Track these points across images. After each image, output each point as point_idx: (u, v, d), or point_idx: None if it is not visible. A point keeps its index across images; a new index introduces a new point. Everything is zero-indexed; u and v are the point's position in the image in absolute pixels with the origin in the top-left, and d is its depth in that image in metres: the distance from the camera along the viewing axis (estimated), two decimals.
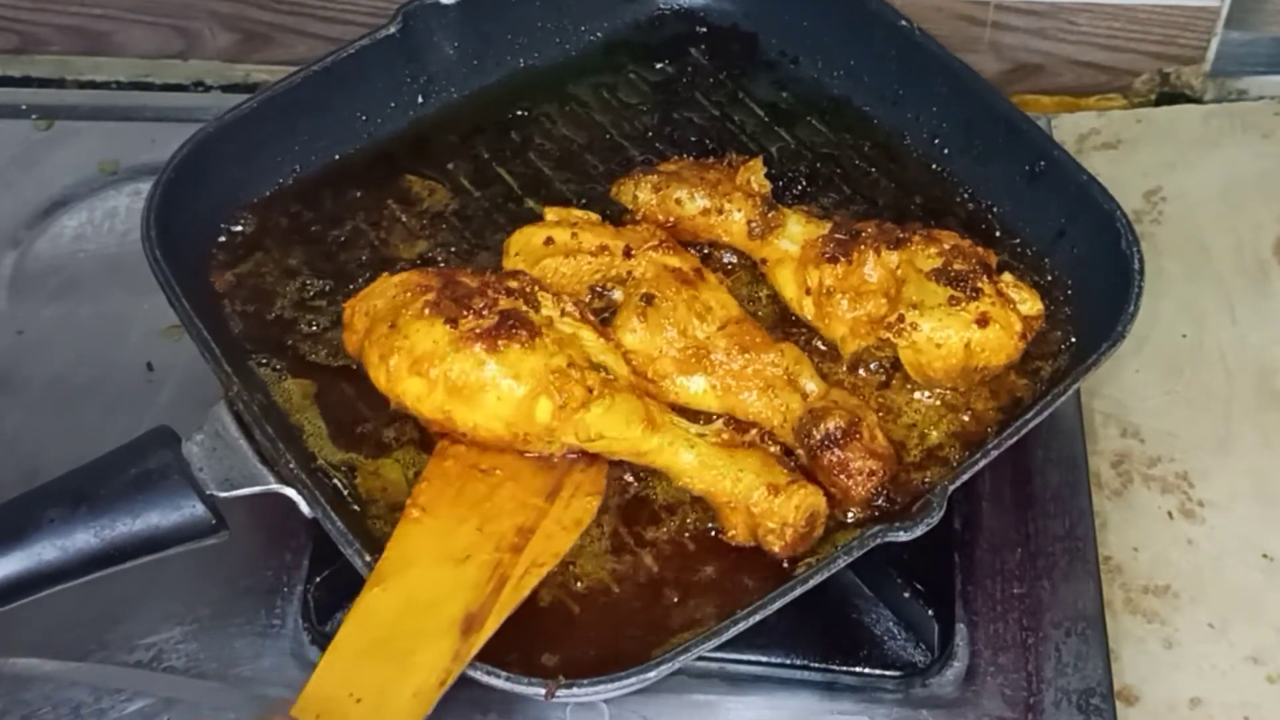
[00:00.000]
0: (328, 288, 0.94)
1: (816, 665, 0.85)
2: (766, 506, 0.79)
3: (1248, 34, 1.17)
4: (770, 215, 0.92)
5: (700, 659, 0.84)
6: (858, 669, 0.85)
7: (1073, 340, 0.89)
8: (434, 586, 0.75)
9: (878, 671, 0.85)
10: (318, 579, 0.87)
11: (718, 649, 0.75)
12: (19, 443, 0.98)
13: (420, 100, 1.04)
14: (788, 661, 0.85)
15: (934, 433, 0.86)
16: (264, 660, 0.87)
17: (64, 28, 1.25)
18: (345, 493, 0.84)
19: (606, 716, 0.84)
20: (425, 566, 0.76)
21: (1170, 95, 1.19)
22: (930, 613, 0.85)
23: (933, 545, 0.79)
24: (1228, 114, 1.17)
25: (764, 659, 0.85)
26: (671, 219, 0.93)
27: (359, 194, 1.00)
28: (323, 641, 0.87)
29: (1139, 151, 1.14)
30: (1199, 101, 1.19)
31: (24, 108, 1.21)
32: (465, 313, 0.81)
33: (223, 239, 0.97)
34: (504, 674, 0.73)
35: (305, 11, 1.22)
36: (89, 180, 1.15)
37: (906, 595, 0.85)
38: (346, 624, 0.74)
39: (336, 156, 1.01)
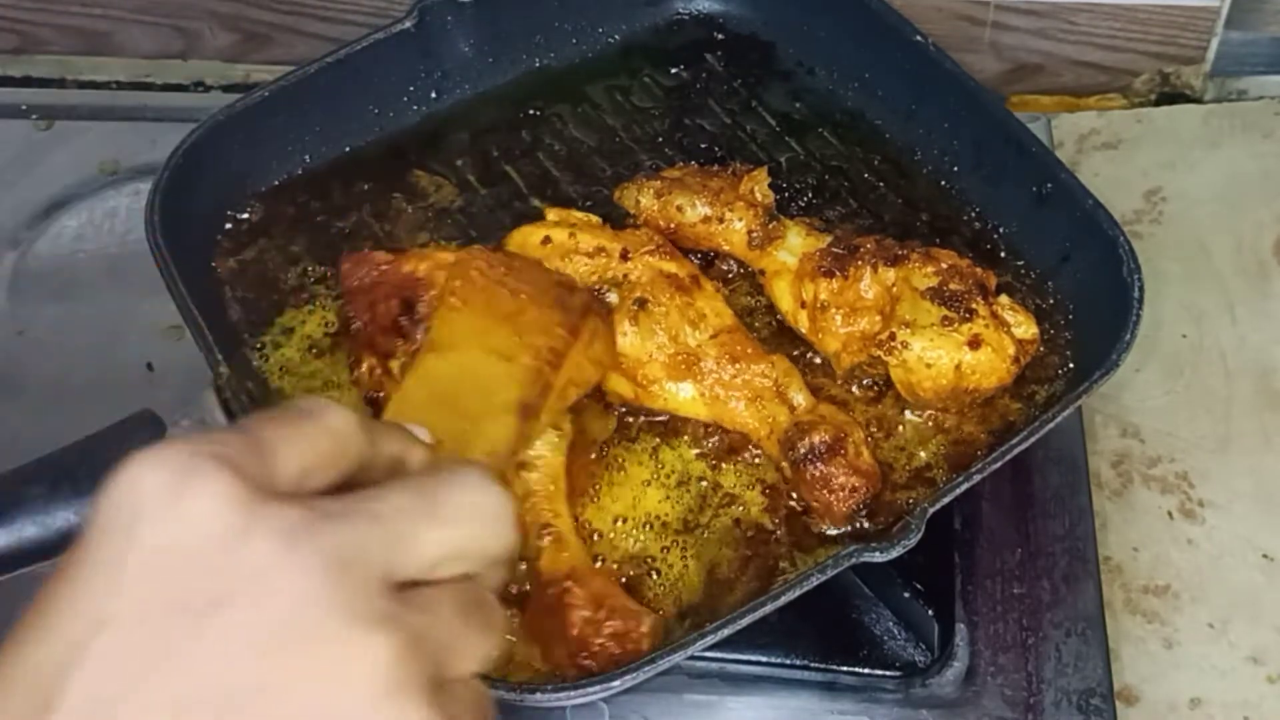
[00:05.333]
0: (329, 274, 0.94)
1: (816, 665, 0.85)
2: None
3: (1248, 34, 1.17)
4: (771, 226, 0.91)
5: (700, 659, 0.84)
6: (858, 669, 0.85)
7: (1071, 366, 0.88)
8: (485, 371, 0.75)
9: (878, 671, 0.85)
10: None
11: (716, 649, 0.75)
12: (19, 443, 0.98)
13: (433, 95, 1.04)
14: (788, 661, 0.85)
15: (923, 453, 0.86)
16: None
17: (64, 28, 1.25)
18: None
19: (607, 716, 0.84)
20: (473, 351, 0.76)
21: (1170, 95, 1.19)
22: (930, 613, 0.85)
23: (933, 545, 0.79)
24: (1228, 114, 1.16)
25: (764, 659, 0.85)
26: (672, 225, 0.93)
27: (367, 186, 1.00)
28: None
29: (1139, 151, 1.14)
30: (1199, 101, 1.19)
31: (24, 108, 1.21)
32: None
33: (229, 226, 0.97)
34: None
35: (305, 11, 1.22)
36: (89, 180, 1.14)
37: (906, 595, 0.85)
38: (409, 380, 0.74)
39: (347, 148, 1.02)
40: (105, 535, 0.44)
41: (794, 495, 0.84)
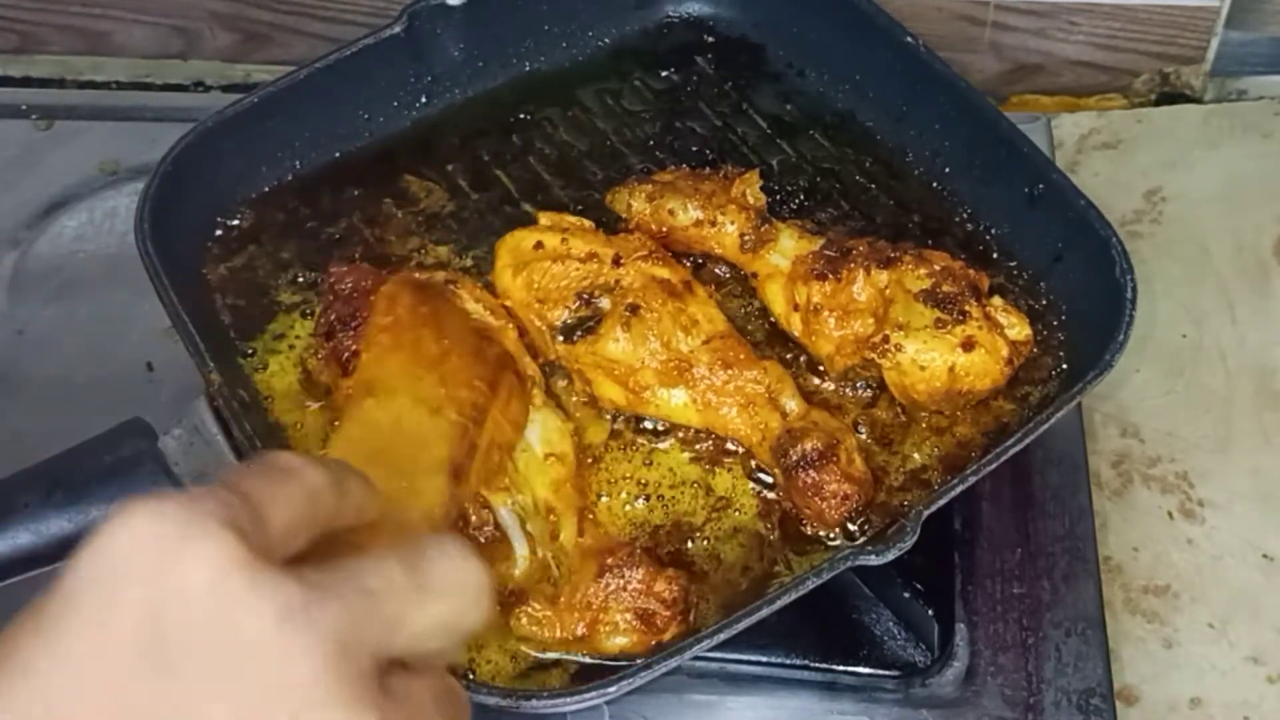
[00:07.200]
0: (319, 280, 0.94)
1: (816, 665, 0.85)
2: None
3: (1248, 34, 1.17)
4: (763, 229, 0.91)
5: (700, 659, 0.84)
6: (858, 669, 0.85)
7: (1064, 367, 0.88)
8: (416, 423, 0.74)
9: (878, 671, 0.85)
10: None
11: (715, 649, 0.75)
12: (19, 442, 0.98)
13: (423, 100, 1.04)
14: (788, 661, 0.85)
15: (917, 455, 0.85)
16: None
17: (64, 28, 1.25)
18: None
19: (606, 715, 0.84)
20: (405, 399, 0.74)
21: (1170, 95, 1.19)
22: (930, 613, 0.85)
23: (933, 545, 0.79)
24: (1228, 114, 1.16)
25: (764, 659, 0.85)
26: (664, 229, 0.93)
27: (357, 192, 1.00)
28: None
29: (1139, 151, 1.14)
30: (1199, 101, 1.19)
31: (24, 108, 1.21)
32: None
33: (219, 233, 0.97)
34: (464, 683, 0.72)
35: (305, 11, 1.22)
36: (89, 180, 1.15)
37: (906, 595, 0.85)
38: (346, 425, 0.73)
39: (337, 154, 1.01)
40: (92, 586, 0.42)
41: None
